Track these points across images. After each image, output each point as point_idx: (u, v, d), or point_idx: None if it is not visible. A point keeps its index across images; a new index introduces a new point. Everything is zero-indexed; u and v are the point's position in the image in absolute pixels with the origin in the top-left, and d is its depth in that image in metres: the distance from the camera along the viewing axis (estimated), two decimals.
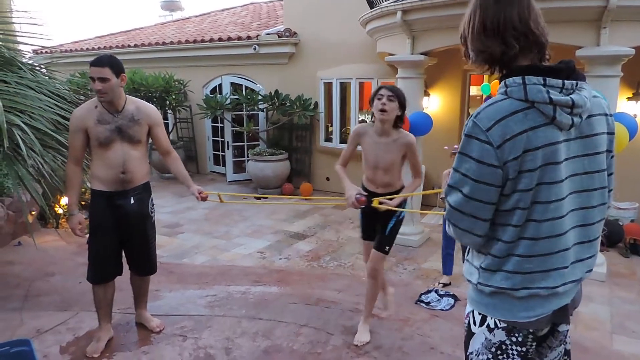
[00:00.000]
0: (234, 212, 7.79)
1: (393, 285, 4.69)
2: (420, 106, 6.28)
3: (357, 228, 7.05)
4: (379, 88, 2.80)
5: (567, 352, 1.54)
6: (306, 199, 8.06)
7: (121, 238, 2.81)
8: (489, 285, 1.38)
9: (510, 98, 1.29)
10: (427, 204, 7.76)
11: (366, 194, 2.84)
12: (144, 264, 2.96)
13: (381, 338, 2.97)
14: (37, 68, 4.18)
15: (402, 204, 2.89)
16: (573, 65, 1.31)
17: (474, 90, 8.65)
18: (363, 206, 2.82)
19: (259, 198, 7.96)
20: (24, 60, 4.04)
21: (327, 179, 9.16)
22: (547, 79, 1.26)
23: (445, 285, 4.75)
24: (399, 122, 2.81)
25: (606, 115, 1.39)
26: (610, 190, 1.44)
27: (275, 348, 2.82)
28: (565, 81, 1.27)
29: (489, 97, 10.77)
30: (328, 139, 9.04)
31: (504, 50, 1.31)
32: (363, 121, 8.97)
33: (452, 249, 4.78)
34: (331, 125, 8.98)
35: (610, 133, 1.40)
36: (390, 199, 2.83)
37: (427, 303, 4.20)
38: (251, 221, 7.34)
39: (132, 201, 2.76)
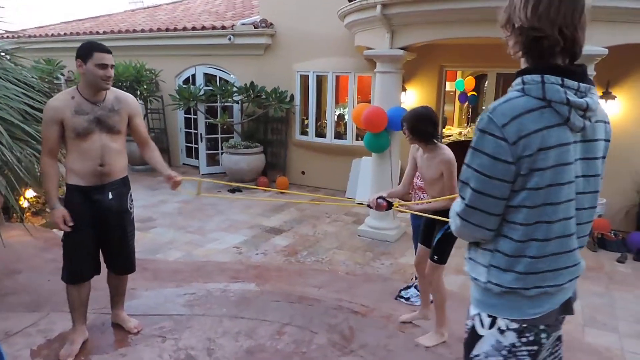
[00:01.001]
0: (207, 206, 7.63)
1: (371, 281, 4.71)
2: (399, 101, 6.28)
3: (334, 222, 7.04)
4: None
5: (559, 337, 1.59)
6: (318, 198, 7.97)
7: (99, 235, 2.69)
8: (499, 285, 1.38)
9: (527, 95, 1.29)
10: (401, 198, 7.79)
11: (388, 200, 2.91)
12: (122, 263, 2.85)
13: (366, 336, 2.95)
14: (1, 54, 3.95)
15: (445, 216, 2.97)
16: (585, 69, 1.31)
17: (448, 86, 8.75)
18: (382, 210, 2.96)
19: (239, 190, 7.84)
20: None
21: (303, 172, 9.10)
22: (564, 79, 1.27)
23: (417, 278, 4.76)
24: (427, 138, 2.89)
25: (605, 122, 1.42)
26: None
27: (258, 348, 2.76)
28: (580, 84, 1.28)
29: (462, 92, 10.93)
30: (304, 132, 8.96)
31: (556, 40, 1.28)
32: (341, 115, 8.96)
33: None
34: (307, 119, 8.90)
35: (607, 140, 1.43)
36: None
37: (407, 299, 4.21)
38: (226, 215, 7.21)
39: (110, 196, 2.65)
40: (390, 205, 2.93)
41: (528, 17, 1.28)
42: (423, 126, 2.86)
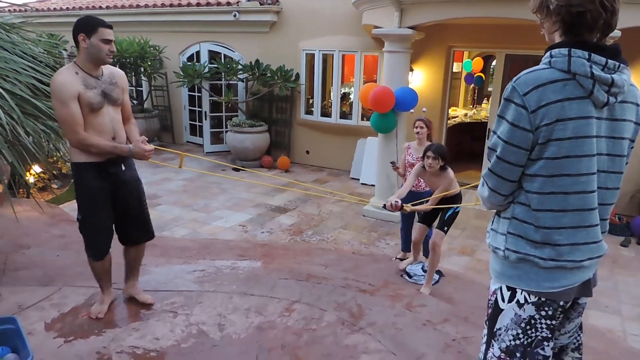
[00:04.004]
0: (212, 184, 7.65)
1: (377, 261, 4.75)
2: (406, 81, 6.23)
3: (338, 202, 7.05)
4: (427, 149, 3.72)
5: (580, 326, 1.62)
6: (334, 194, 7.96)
7: (117, 209, 2.74)
8: (516, 252, 1.42)
9: (552, 68, 1.32)
10: None
11: (401, 202, 3.58)
12: (143, 231, 2.91)
13: (374, 314, 2.98)
14: (8, 27, 3.89)
15: (456, 201, 3.89)
16: (619, 47, 1.31)
17: (455, 67, 8.65)
18: (396, 211, 3.63)
19: (236, 170, 7.84)
20: None
21: (307, 152, 9.08)
22: (592, 54, 1.28)
23: (401, 260, 4.80)
24: (444, 167, 3.74)
25: (637, 105, 1.42)
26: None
27: (269, 324, 2.80)
28: (609, 60, 1.29)
29: (469, 74, 10.81)
30: (309, 111, 8.91)
31: (599, 12, 1.28)
32: (345, 94, 8.91)
33: (410, 227, 4.79)
34: (312, 98, 8.84)
35: (637, 123, 1.44)
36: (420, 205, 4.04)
37: (411, 276, 4.24)
38: (230, 194, 7.23)
39: (123, 168, 2.70)
40: (402, 207, 3.59)
41: None
42: (447, 155, 3.74)
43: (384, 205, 3.60)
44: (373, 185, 7.08)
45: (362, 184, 7.99)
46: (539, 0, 1.39)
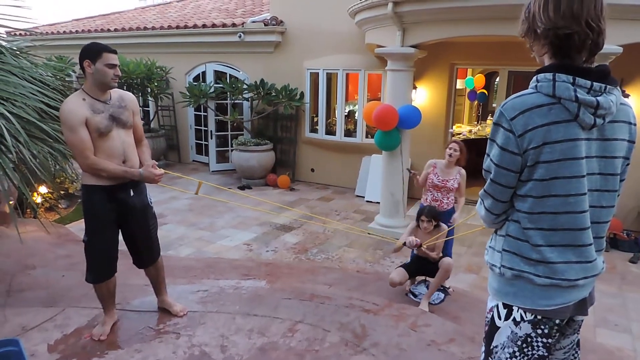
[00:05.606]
0: (218, 203, 7.67)
1: (381, 279, 4.72)
2: (410, 99, 6.26)
3: (343, 220, 7.03)
4: (420, 213, 4.10)
5: (577, 343, 1.61)
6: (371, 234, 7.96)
7: (123, 233, 2.79)
8: (511, 269, 1.44)
9: (538, 92, 1.35)
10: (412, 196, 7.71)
11: (420, 241, 3.99)
12: (148, 256, 2.97)
13: (378, 335, 2.95)
14: (17, 52, 3.98)
15: (448, 233, 4.22)
16: (606, 69, 1.33)
17: (458, 84, 8.69)
18: (416, 247, 4.00)
19: (249, 187, 7.84)
20: (4, 43, 3.84)
21: (312, 170, 9.11)
22: (576, 78, 1.30)
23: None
24: (437, 225, 4.12)
25: (630, 123, 1.44)
26: (618, 195, 1.50)
27: (271, 345, 2.78)
28: (594, 83, 1.31)
29: (472, 90, 10.86)
30: (313, 129, 8.96)
31: (586, 33, 1.30)
32: (351, 112, 8.96)
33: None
34: (317, 116, 8.91)
35: (631, 141, 1.46)
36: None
37: (416, 295, 4.21)
38: (236, 212, 7.24)
39: (132, 193, 2.72)
40: (420, 246, 3.97)
41: (551, 18, 1.32)
42: (438, 215, 4.15)
43: (404, 242, 3.98)
44: (378, 203, 7.07)
45: (367, 201, 7.98)
46: (526, 25, 1.42)
